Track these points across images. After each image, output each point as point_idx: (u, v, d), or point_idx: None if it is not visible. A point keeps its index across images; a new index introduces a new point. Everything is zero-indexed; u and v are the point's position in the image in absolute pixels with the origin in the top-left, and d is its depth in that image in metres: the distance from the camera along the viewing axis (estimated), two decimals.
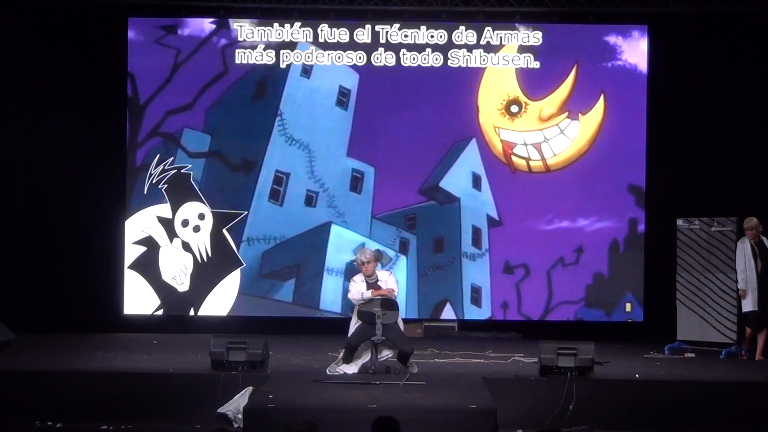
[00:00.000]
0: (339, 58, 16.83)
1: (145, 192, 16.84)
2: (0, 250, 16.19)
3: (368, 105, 16.94)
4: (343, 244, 16.92)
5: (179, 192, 16.88)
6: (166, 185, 16.87)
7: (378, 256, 12.65)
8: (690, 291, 15.00)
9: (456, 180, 16.96)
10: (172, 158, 16.89)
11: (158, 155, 16.89)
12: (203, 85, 16.94)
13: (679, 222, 15.20)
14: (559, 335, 13.51)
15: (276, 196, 16.96)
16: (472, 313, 16.87)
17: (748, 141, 16.46)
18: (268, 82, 16.99)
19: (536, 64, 16.77)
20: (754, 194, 15.92)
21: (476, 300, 16.88)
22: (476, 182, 16.93)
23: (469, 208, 16.95)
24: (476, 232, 16.94)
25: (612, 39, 16.80)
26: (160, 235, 16.87)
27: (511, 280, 16.90)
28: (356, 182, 16.95)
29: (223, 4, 16.34)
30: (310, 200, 16.95)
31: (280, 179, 16.95)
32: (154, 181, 16.85)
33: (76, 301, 16.60)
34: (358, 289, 12.49)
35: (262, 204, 16.96)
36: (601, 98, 16.83)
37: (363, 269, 12.52)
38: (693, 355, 14.57)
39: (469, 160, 16.96)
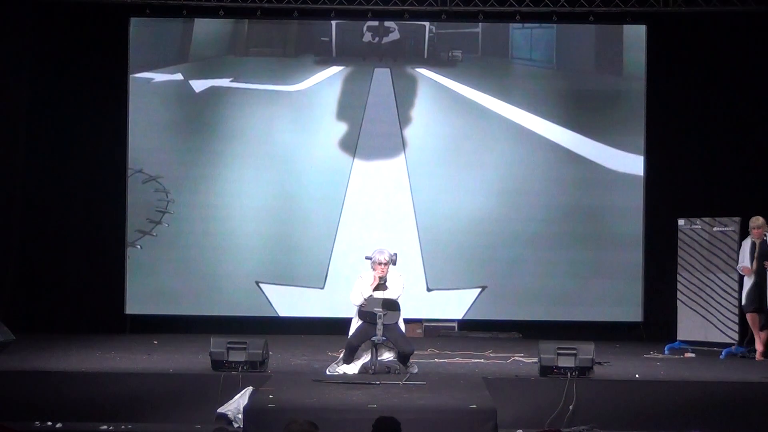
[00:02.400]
0: None
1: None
2: (0, 250, 16.19)
3: None
4: None
5: None
6: None
7: (395, 259, 12.57)
8: (691, 291, 14.99)
9: None
10: None
11: None
12: None
13: (681, 222, 15.17)
14: (558, 335, 13.51)
15: None
16: None
17: (749, 141, 16.47)
18: None
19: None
20: (756, 195, 15.89)
21: None
22: None
23: None
24: None
25: (609, 38, 16.85)
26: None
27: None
28: None
29: (223, 4, 16.31)
30: None
31: None
32: None
33: (76, 301, 16.63)
34: (362, 285, 12.41)
35: None
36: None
37: (378, 269, 12.42)
38: (693, 355, 14.55)
39: None
